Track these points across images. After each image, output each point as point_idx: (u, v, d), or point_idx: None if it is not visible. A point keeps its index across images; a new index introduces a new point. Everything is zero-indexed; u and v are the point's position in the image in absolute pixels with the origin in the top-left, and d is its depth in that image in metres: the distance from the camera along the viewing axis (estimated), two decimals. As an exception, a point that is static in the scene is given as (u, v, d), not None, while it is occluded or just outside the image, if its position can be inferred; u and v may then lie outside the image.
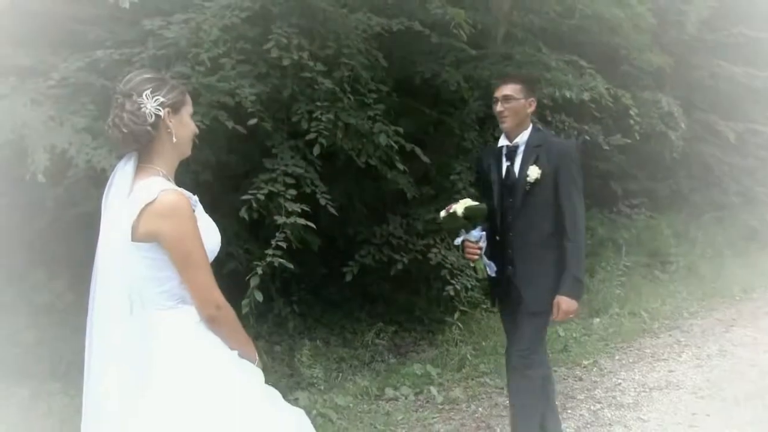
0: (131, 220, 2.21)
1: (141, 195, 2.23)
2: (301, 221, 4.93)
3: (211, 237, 2.35)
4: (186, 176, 5.66)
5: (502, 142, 3.74)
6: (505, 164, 3.68)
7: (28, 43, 5.14)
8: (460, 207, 3.63)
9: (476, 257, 3.69)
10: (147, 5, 5.22)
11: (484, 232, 3.66)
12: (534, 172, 3.54)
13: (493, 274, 3.73)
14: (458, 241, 3.77)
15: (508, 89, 3.65)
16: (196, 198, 2.38)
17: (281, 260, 4.89)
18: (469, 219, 3.65)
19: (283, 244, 4.90)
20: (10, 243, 5.49)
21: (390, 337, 6.43)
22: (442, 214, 3.73)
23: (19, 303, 5.45)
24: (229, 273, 5.73)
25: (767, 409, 4.70)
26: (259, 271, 4.92)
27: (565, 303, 3.53)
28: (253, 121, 4.88)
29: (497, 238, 3.71)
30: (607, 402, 4.87)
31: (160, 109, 2.29)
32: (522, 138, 3.66)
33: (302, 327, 6.58)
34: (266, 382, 2.47)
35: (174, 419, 2.18)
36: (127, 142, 2.28)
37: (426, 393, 5.08)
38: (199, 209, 2.37)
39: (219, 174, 5.88)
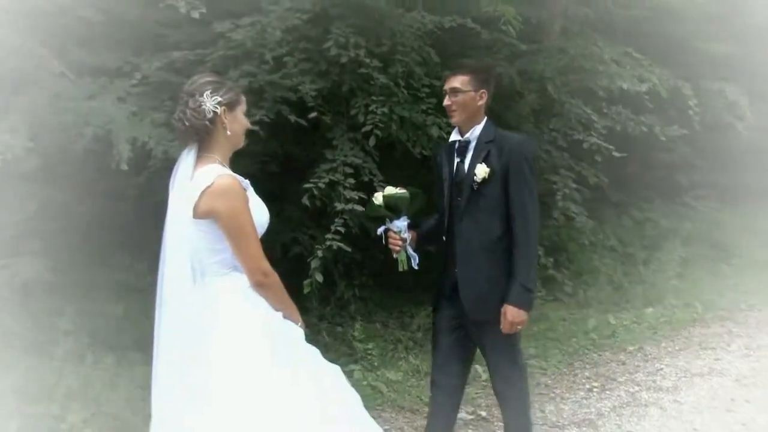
0: (193, 201, 2.62)
1: (201, 180, 2.63)
2: (359, 208, 5.27)
3: (260, 214, 2.75)
4: (255, 167, 6.14)
5: (454, 137, 3.51)
6: (456, 161, 3.46)
7: (116, 46, 5.71)
8: (379, 195, 3.46)
9: (398, 248, 3.45)
10: (219, 8, 5.71)
11: (406, 223, 3.45)
12: (481, 171, 3.32)
13: (416, 267, 3.52)
14: (380, 230, 3.54)
15: (456, 81, 3.41)
16: (248, 182, 2.78)
17: (340, 244, 5.24)
18: (391, 208, 3.44)
19: (342, 230, 5.27)
20: (101, 228, 6.09)
21: (446, 321, 6.71)
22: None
23: (108, 281, 6.02)
24: (294, 257, 6.17)
25: (809, 398, 4.76)
26: (319, 254, 5.32)
27: (511, 313, 3.27)
28: (313, 115, 5.28)
29: (444, 238, 3.50)
30: (647, 385, 5.02)
31: (218, 107, 2.69)
32: (473, 133, 3.42)
33: (363, 310, 6.94)
34: (326, 358, 2.83)
35: (229, 369, 2.57)
36: (189, 135, 2.70)
37: (473, 371, 5.35)
38: (251, 191, 2.77)
39: (286, 165, 6.34)
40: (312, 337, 6.10)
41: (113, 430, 4.45)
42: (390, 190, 3.46)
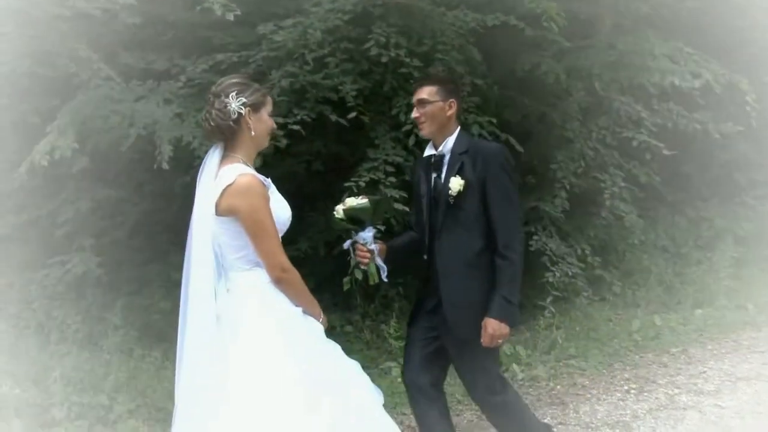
0: (215, 198, 2.71)
1: (224, 178, 2.72)
2: (399, 206, 5.29)
3: (282, 212, 2.81)
4: (299, 166, 6.27)
5: (429, 151, 3.42)
6: (432, 176, 3.37)
7: (164, 49, 5.90)
8: (340, 208, 3.34)
9: (366, 260, 3.35)
10: (264, 11, 5.82)
11: (371, 234, 3.34)
12: (456, 184, 3.22)
13: (386, 279, 3.46)
14: (347, 244, 3.44)
15: (423, 93, 3.34)
16: (269, 180, 2.84)
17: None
18: (354, 220, 3.33)
19: (381, 227, 5.29)
20: (150, 225, 6.32)
21: (489, 320, 6.66)
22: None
23: (157, 277, 6.23)
24: (339, 255, 6.23)
25: None
26: (360, 250, 5.35)
27: (492, 326, 3.17)
28: (352, 115, 5.33)
29: (425, 256, 3.41)
30: (687, 388, 4.87)
31: (242, 108, 2.77)
32: (446, 145, 3.34)
33: (407, 308, 6.93)
34: (367, 355, 2.86)
35: (243, 367, 2.66)
36: (215, 134, 2.79)
37: (510, 370, 5.32)
38: (273, 189, 2.84)
39: (330, 164, 6.42)
40: (355, 335, 6.25)
41: (157, 421, 4.60)
42: (351, 201, 3.35)
